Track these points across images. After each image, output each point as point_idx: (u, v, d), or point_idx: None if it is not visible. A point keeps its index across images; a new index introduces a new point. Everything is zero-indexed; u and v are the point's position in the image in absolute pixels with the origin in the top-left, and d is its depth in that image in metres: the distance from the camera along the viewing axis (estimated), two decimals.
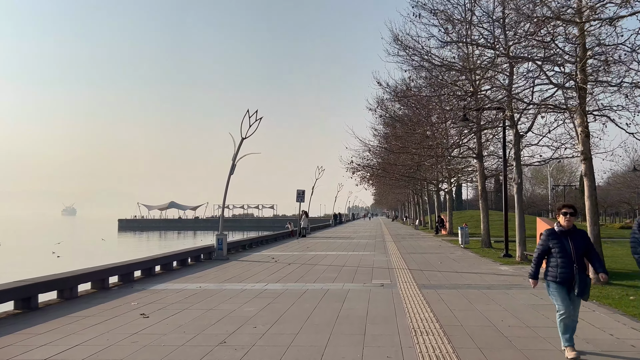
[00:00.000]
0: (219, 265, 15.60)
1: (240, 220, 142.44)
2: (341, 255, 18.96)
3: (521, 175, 16.77)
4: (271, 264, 16.02)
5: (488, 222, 22.23)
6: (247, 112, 17.92)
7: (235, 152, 18.01)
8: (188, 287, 11.10)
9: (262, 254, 19.95)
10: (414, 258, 17.46)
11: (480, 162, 22.30)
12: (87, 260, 26.23)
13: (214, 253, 17.86)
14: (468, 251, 20.48)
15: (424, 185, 44.91)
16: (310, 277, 12.63)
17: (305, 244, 25.47)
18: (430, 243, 26.01)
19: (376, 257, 17.80)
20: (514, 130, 16.65)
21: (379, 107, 31.76)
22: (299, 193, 31.82)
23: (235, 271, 14.04)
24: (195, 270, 14.40)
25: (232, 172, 18.04)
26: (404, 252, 19.94)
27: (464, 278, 12.18)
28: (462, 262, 16.15)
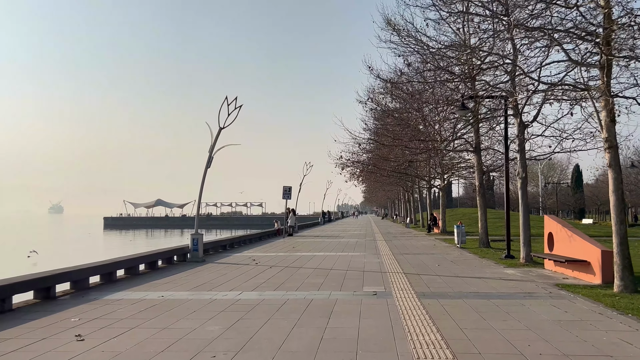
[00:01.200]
0: (192, 269, 13.96)
1: (229, 219, 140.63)
2: (329, 256, 17.41)
3: (526, 169, 15.33)
4: (251, 266, 14.42)
5: (486, 220, 20.80)
6: (225, 100, 16.29)
7: (212, 143, 16.36)
8: (148, 297, 9.47)
9: (243, 254, 18.33)
10: (408, 260, 15.95)
11: (478, 155, 20.84)
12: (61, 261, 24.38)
13: (189, 254, 16.21)
14: (465, 251, 19.02)
15: (415, 182, 43.52)
16: (292, 283, 11.04)
17: (291, 244, 23.88)
18: (424, 242, 24.55)
19: (367, 259, 16.27)
20: (518, 119, 15.19)
21: (370, 99, 30.24)
22: (285, 190, 30.20)
23: (209, 276, 12.42)
24: (165, 275, 12.76)
25: (209, 165, 16.39)
26: (397, 253, 18.43)
27: (468, 284, 10.67)
28: (461, 264, 14.67)
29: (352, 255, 17.79)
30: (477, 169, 20.84)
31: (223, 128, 16.40)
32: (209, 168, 16.42)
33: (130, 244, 58.04)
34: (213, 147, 16.37)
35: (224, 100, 16.29)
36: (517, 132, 15.32)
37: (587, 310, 7.90)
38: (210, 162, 16.36)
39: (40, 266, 21.24)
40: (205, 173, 16.42)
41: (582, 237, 11.63)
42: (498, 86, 15.56)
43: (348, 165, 34.11)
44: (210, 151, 16.35)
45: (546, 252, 13.76)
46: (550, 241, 13.53)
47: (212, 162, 16.39)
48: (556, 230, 13.11)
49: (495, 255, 17.47)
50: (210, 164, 16.37)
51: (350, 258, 16.61)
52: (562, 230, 12.67)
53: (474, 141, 20.93)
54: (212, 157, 16.37)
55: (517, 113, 15.17)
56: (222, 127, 16.37)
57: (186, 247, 16.33)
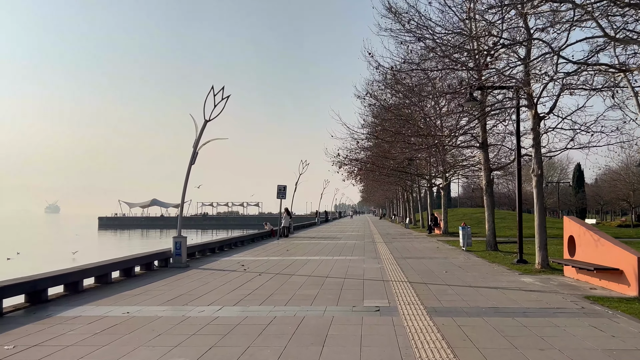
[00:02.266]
0: (172, 276, 12.53)
1: (225, 219, 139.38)
2: (325, 260, 15.99)
3: (541, 165, 13.93)
4: (238, 273, 12.99)
5: (494, 220, 19.41)
6: (211, 89, 14.85)
7: (197, 137, 14.92)
8: (111, 313, 8.03)
9: (232, 259, 16.89)
10: (412, 265, 14.55)
11: (485, 152, 19.45)
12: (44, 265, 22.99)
13: (171, 259, 14.77)
14: (472, 255, 17.63)
15: (415, 181, 42.14)
16: (282, 295, 9.62)
17: (286, 246, 22.45)
18: (426, 244, 23.15)
19: (367, 264, 14.85)
20: (533, 111, 13.79)
21: (369, 94, 28.82)
22: (279, 189, 28.78)
23: (189, 285, 10.98)
24: (140, 284, 11.33)
25: (194, 161, 14.94)
26: (399, 257, 17.03)
27: (484, 296, 9.27)
28: (471, 270, 13.26)
29: (350, 259, 16.37)
30: (484, 166, 19.45)
31: (209, 121, 14.97)
32: (193, 164, 14.98)
33: (121, 244, 56.55)
34: (198, 141, 14.93)
35: (209, 91, 14.86)
36: (531, 125, 13.93)
37: (638, 333, 6.51)
38: (195, 157, 14.92)
39: (11, 271, 19.83)
40: (189, 170, 14.98)
41: (611, 242, 10.24)
42: (510, 74, 14.19)
43: (345, 163, 32.72)
44: (195, 146, 14.92)
45: (566, 257, 12.37)
46: (571, 245, 12.14)
47: (196, 157, 14.96)
48: (578, 233, 11.72)
49: (506, 259, 16.09)
50: (194, 159, 14.93)
51: (348, 263, 15.19)
52: (586, 233, 11.28)
53: (481, 137, 19.53)
54: (196, 152, 14.93)
55: (532, 104, 13.78)
56: (207, 120, 14.94)
57: (168, 251, 14.89)
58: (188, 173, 14.96)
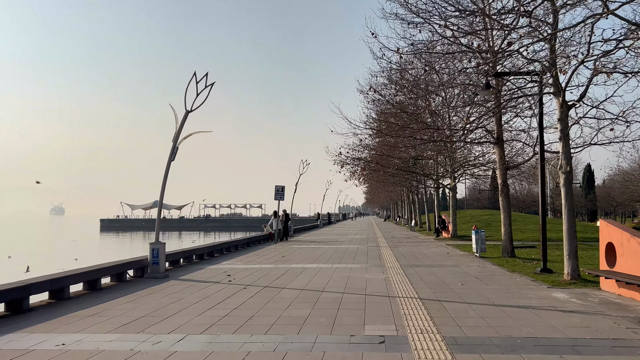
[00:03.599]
0: (143, 290, 10.77)
1: (227, 220, 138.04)
2: (323, 269, 14.20)
3: (570, 161, 12.12)
4: (221, 285, 11.23)
5: (510, 224, 17.55)
6: (193, 76, 13.11)
7: (177, 130, 13.18)
8: (41, 346, 6.29)
9: (220, 267, 15.14)
10: (421, 275, 12.74)
11: (500, 148, 17.61)
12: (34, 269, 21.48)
13: (148, 268, 13.02)
14: (488, 262, 15.80)
15: (420, 182, 40.29)
16: (265, 317, 7.85)
17: (282, 251, 20.68)
18: (435, 250, 21.31)
19: (370, 274, 13.05)
20: (560, 98, 11.98)
21: (372, 89, 27.02)
22: (277, 190, 27.02)
23: (158, 302, 9.22)
24: (101, 300, 9.58)
25: (173, 157, 13.19)
26: (406, 265, 15.22)
27: (515, 320, 7.46)
28: (491, 282, 11.44)
29: (351, 268, 14.57)
30: (500, 163, 17.62)
31: (191, 111, 13.22)
32: (173, 160, 13.22)
33: (118, 248, 54.95)
34: (178, 135, 13.18)
35: (191, 77, 13.12)
36: (558, 115, 12.11)
37: None
38: (175, 153, 13.17)
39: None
40: (169, 166, 13.21)
41: None
42: (532, 57, 12.40)
43: (347, 162, 30.90)
44: (175, 140, 13.16)
45: (603, 267, 10.53)
46: (610, 254, 10.31)
47: (176, 153, 13.20)
48: (620, 240, 9.88)
49: (526, 268, 14.28)
50: (174, 155, 13.18)
51: (348, 272, 13.39)
52: (631, 240, 9.45)
53: (496, 131, 17.71)
54: (176, 147, 13.18)
55: (560, 90, 11.97)
56: (189, 110, 13.20)
57: (145, 259, 13.14)
58: (167, 170, 13.20)
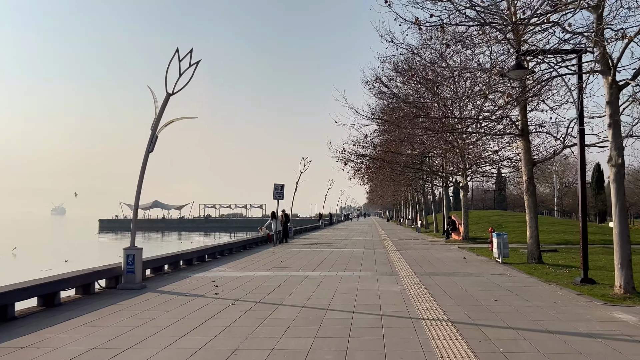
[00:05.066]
0: (109, 306, 8.87)
1: (228, 221, 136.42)
2: (327, 278, 12.28)
3: (622, 152, 10.18)
4: (206, 300, 9.32)
5: (537, 225, 15.59)
6: (175, 53, 11.20)
7: (156, 116, 11.27)
8: None
9: (208, 274, 13.23)
10: (442, 286, 10.82)
11: (525, 141, 15.67)
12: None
13: (122, 278, 11.11)
14: (514, 270, 13.88)
15: (427, 180, 38.35)
16: (253, 351, 5.94)
17: (281, 255, 18.77)
18: (448, 254, 19.37)
19: (382, 285, 11.12)
20: (608, 77, 10.07)
21: (379, 81, 25.12)
22: (276, 188, 25.09)
23: (120, 326, 7.32)
24: (53, 321, 7.68)
25: (152, 149, 11.28)
26: (421, 273, 13.30)
27: (587, 357, 5.54)
28: (529, 297, 9.51)
29: (359, 276, 12.65)
30: (524, 158, 15.68)
31: (172, 94, 11.31)
32: (152, 152, 11.31)
33: (115, 248, 53.11)
34: (158, 121, 11.27)
35: (173, 55, 11.21)
36: (607, 98, 10.18)
37: None
38: (154, 142, 11.26)
39: None
40: (147, 158, 11.30)
41: None
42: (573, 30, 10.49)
43: (351, 159, 28.99)
44: (154, 128, 11.24)
45: None
46: None
47: (155, 142, 11.29)
48: None
49: (561, 277, 12.37)
50: (153, 146, 11.26)
51: (356, 283, 11.47)
52: None
53: (520, 122, 15.78)
54: (156, 136, 11.26)
55: (608, 68, 10.05)
56: (170, 94, 11.29)
57: (119, 267, 11.23)
58: (144, 163, 11.28)
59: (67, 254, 34.95)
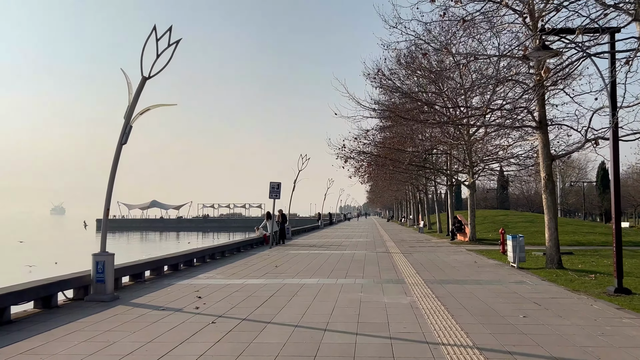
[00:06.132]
0: (67, 324, 7.48)
1: (226, 221, 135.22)
2: (325, 287, 10.88)
3: None
4: (182, 316, 7.93)
5: (557, 227, 14.20)
6: (152, 31, 9.79)
7: (130, 103, 9.87)
8: None
9: (193, 282, 11.83)
10: (458, 297, 9.43)
11: (544, 134, 14.28)
12: None
13: (91, 288, 9.72)
14: (534, 276, 12.49)
15: (431, 178, 36.95)
16: None
17: (276, 259, 17.38)
18: (457, 257, 17.97)
19: (388, 296, 9.72)
20: None
21: (381, 73, 23.71)
22: (272, 187, 23.72)
23: (69, 354, 5.93)
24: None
25: (125, 140, 9.87)
26: (431, 280, 11.90)
27: None
28: (562, 312, 8.11)
29: (361, 285, 11.24)
30: (543, 152, 14.28)
31: (148, 78, 9.91)
32: (125, 144, 9.90)
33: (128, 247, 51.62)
34: (132, 109, 9.86)
35: (150, 33, 9.81)
36: None
37: None
38: (127, 133, 9.85)
39: None
40: (119, 151, 9.89)
41: None
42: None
43: (352, 157, 27.59)
44: (128, 116, 9.84)
45: None
46: None
47: (129, 132, 9.89)
48: None
49: (588, 285, 10.98)
50: (126, 137, 9.86)
51: (359, 293, 10.07)
52: None
53: (537, 113, 14.38)
54: (130, 125, 9.86)
55: None
56: (146, 77, 9.89)
57: (89, 275, 9.83)
58: (117, 156, 9.88)
59: (59, 256, 33.46)
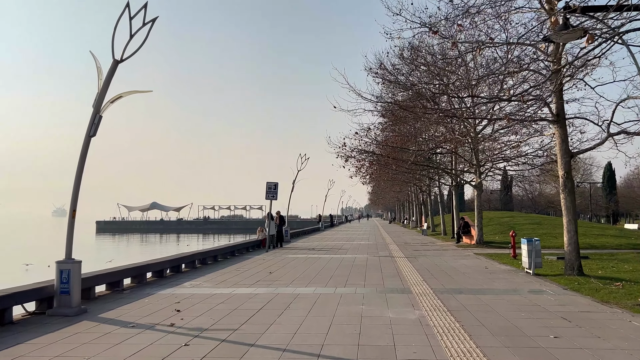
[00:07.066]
0: (13, 347, 6.30)
1: (227, 222, 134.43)
2: (322, 298, 9.69)
3: None
4: (152, 336, 6.74)
5: (577, 229, 12.98)
6: (125, 8, 8.62)
7: (99, 90, 8.69)
8: None
9: (176, 292, 10.64)
10: (474, 311, 8.23)
11: (562, 128, 13.07)
12: None
13: (55, 300, 8.53)
14: (552, 284, 11.29)
15: (434, 179, 35.74)
16: None
17: (271, 264, 16.19)
18: (466, 262, 16.76)
19: (393, 310, 8.51)
20: None
21: (383, 68, 22.52)
22: (269, 187, 22.53)
23: None
24: None
25: (94, 132, 8.68)
26: (440, 289, 10.69)
27: None
28: (602, 333, 6.90)
29: (362, 295, 10.04)
30: (561, 148, 13.07)
31: (121, 61, 8.74)
32: (94, 136, 8.72)
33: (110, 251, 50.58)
34: (102, 96, 8.68)
35: (122, 11, 8.64)
36: None
37: None
38: (97, 124, 8.66)
39: None
40: (88, 144, 8.71)
41: None
42: None
43: (352, 156, 26.40)
44: (97, 105, 8.65)
45: None
46: None
47: (99, 123, 8.70)
48: None
49: (616, 294, 9.79)
50: (95, 128, 8.67)
51: (359, 306, 8.87)
52: None
53: (555, 105, 13.18)
54: (99, 115, 8.67)
55: None
56: (118, 60, 8.71)
57: (53, 285, 8.64)
58: (85, 150, 8.68)
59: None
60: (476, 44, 12.93)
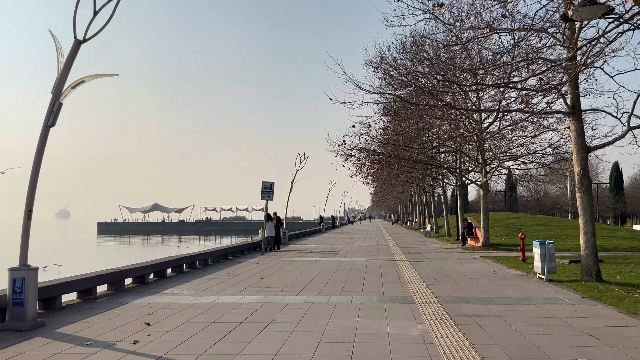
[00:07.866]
0: None
1: (229, 224, 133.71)
2: (312, 310, 8.64)
3: None
4: (115, 355, 5.71)
5: (594, 231, 11.90)
6: None
7: (59, 74, 7.67)
8: None
9: (153, 300, 9.61)
10: (486, 326, 7.17)
11: (577, 121, 12.01)
12: None
13: (7, 312, 7.52)
14: (569, 291, 10.22)
15: (438, 178, 34.66)
16: None
17: (264, 269, 15.16)
18: (472, 266, 15.68)
19: (392, 324, 7.46)
20: None
21: (384, 61, 21.48)
22: (265, 187, 21.52)
23: None
24: None
25: (53, 121, 7.65)
26: (446, 298, 9.64)
27: None
28: (635, 353, 5.85)
29: (359, 305, 9.00)
30: (577, 142, 12.00)
31: (83, 42, 7.72)
32: (53, 126, 7.70)
33: (110, 253, 49.70)
34: (63, 81, 7.66)
35: None
36: None
37: None
38: (56, 112, 7.64)
39: None
40: (46, 135, 7.68)
41: None
42: None
43: (352, 154, 25.35)
44: (56, 91, 7.63)
45: None
46: None
47: (59, 110, 7.68)
48: None
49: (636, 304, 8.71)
50: (54, 117, 7.65)
51: (354, 319, 7.82)
52: None
53: (570, 96, 12.11)
54: (59, 102, 7.65)
55: None
56: (80, 41, 7.69)
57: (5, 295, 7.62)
58: (42, 141, 7.65)
59: (56, 260, 31.19)
60: (484, 29, 11.88)
